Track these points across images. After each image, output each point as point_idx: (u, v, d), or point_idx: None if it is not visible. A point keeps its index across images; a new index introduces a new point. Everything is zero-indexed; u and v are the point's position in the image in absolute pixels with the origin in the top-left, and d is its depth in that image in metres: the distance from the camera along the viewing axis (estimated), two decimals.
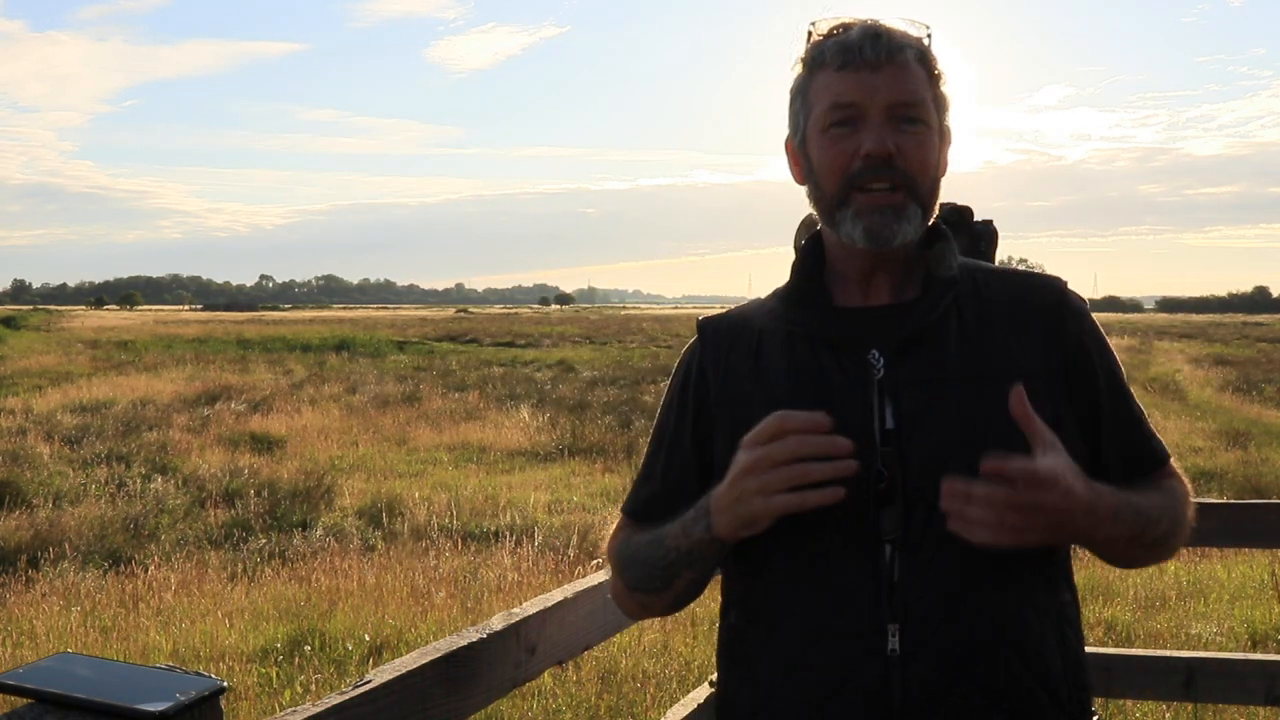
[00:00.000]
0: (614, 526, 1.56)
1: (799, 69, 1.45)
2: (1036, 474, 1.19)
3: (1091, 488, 1.26)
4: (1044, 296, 1.43)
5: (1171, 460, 1.47)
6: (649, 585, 1.44)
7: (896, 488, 1.32)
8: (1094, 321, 1.45)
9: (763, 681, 1.39)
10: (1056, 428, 1.28)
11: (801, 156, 1.45)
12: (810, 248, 1.51)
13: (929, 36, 1.42)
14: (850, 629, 1.32)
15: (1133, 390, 1.48)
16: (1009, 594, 1.33)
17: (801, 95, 1.44)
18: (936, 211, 1.45)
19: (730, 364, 1.46)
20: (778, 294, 1.51)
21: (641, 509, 1.52)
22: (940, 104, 1.41)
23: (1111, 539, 1.33)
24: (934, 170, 1.40)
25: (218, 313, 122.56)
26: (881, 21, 1.39)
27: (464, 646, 1.65)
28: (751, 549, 1.38)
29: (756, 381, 1.43)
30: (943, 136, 1.43)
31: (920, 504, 1.32)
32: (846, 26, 1.40)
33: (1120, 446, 1.43)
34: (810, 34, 1.43)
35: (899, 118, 1.36)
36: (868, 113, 1.36)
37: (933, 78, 1.40)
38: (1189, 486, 1.46)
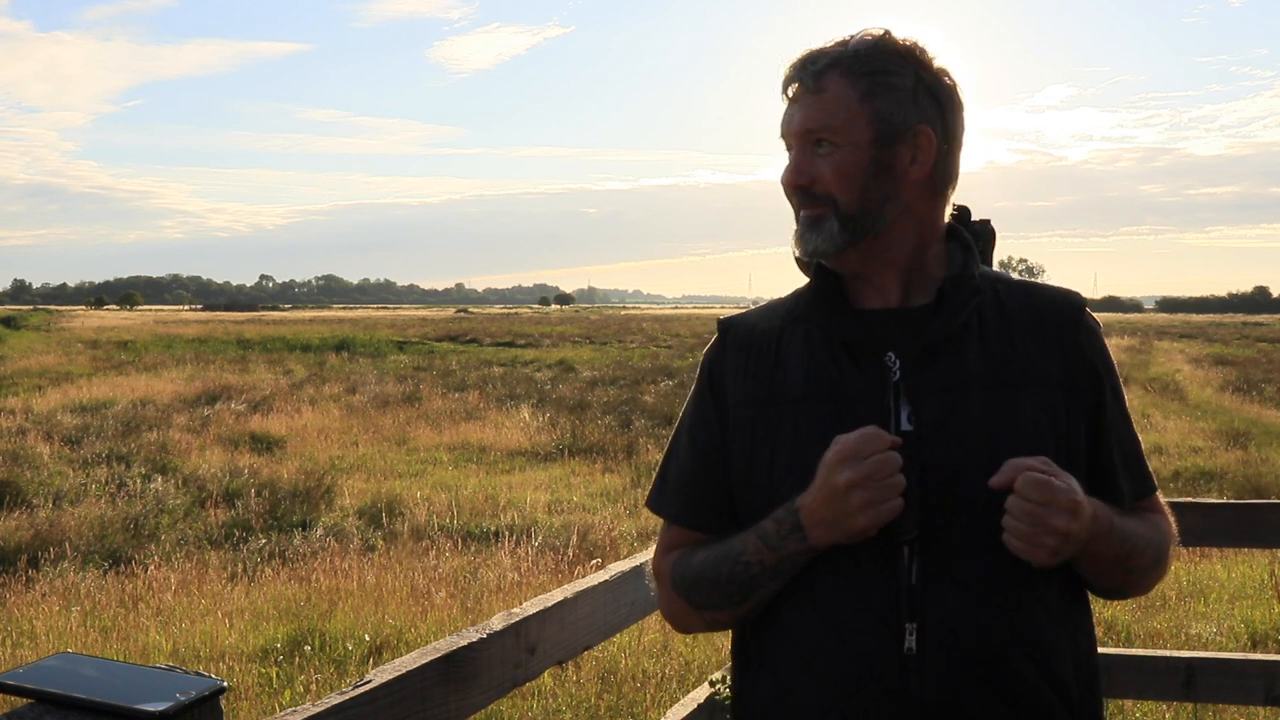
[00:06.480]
0: (659, 541, 1.56)
1: None
2: (1072, 495, 1.27)
3: (1092, 503, 1.31)
4: (1065, 312, 1.45)
5: (1158, 493, 1.51)
6: (725, 603, 1.44)
7: (912, 491, 1.33)
8: (1105, 343, 1.48)
9: (781, 677, 1.41)
10: (1070, 439, 1.37)
11: None
12: None
13: (875, 40, 1.39)
14: (868, 627, 1.34)
15: (1133, 390, 1.50)
16: (1024, 597, 1.35)
17: None
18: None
19: (749, 366, 1.48)
20: (798, 294, 1.52)
21: (683, 510, 1.52)
22: (882, 112, 1.38)
23: (1098, 555, 1.36)
24: (860, 183, 1.39)
25: (218, 313, 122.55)
26: (817, 46, 1.43)
27: (464, 646, 1.65)
28: None
29: (773, 383, 1.45)
30: (889, 141, 1.39)
31: (939, 508, 1.34)
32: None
33: (1120, 467, 1.45)
34: None
35: (812, 143, 1.42)
36: (791, 143, 1.45)
37: (874, 89, 1.38)
38: (1173, 524, 1.50)
